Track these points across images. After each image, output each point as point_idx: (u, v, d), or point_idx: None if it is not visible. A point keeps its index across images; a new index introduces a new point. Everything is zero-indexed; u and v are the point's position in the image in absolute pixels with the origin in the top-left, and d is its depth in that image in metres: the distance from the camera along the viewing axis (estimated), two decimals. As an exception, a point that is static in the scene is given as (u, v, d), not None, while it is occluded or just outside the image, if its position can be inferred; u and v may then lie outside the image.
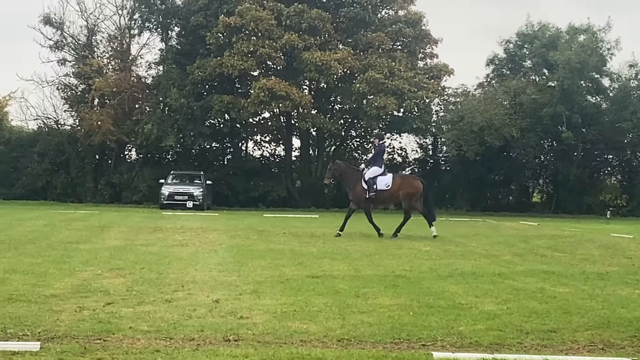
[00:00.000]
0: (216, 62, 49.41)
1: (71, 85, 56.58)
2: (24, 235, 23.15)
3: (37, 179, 54.04)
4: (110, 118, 51.71)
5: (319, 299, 12.29)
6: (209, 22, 51.20)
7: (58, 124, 57.12)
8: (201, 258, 17.78)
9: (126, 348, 8.81)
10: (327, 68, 48.09)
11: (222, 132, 55.48)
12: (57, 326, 9.83)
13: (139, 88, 54.73)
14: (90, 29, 56.57)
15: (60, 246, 19.86)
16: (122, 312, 10.87)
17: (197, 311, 11.04)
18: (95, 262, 16.39)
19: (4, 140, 56.51)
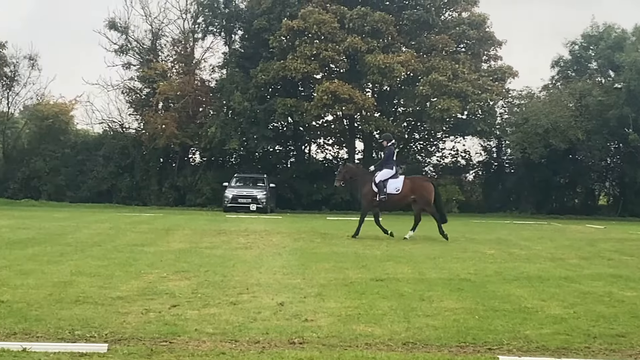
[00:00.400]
0: (279, 65, 49.52)
1: (136, 89, 57.17)
2: (90, 237, 23.38)
3: (103, 182, 54.61)
4: (174, 121, 52.10)
5: (384, 302, 12.24)
6: (272, 25, 51.33)
7: (123, 127, 57.77)
8: (265, 261, 17.81)
9: (192, 350, 8.84)
10: (390, 71, 47.98)
11: (285, 135, 55.67)
12: (123, 328, 9.89)
13: (203, 91, 55.07)
14: (155, 33, 57.12)
15: (126, 249, 20.02)
16: (187, 314, 10.91)
17: (261, 314, 11.04)
18: (161, 265, 16.49)
19: (70, 143, 57.19)
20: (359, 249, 21.26)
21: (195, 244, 21.96)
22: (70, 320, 10.23)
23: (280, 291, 13.13)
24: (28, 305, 11.27)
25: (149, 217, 36.36)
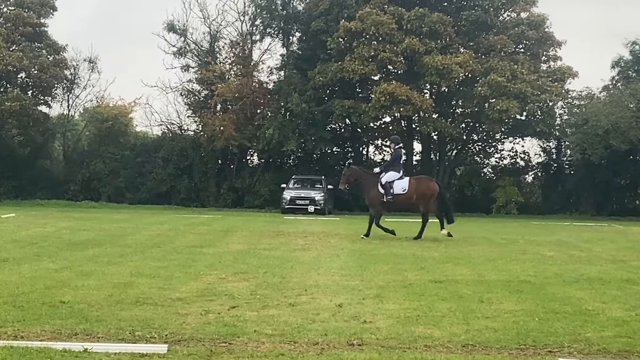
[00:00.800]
0: (337, 66, 49.50)
1: (194, 91, 57.51)
2: (150, 239, 23.57)
3: (162, 183, 54.96)
4: (233, 123, 52.29)
5: (443, 303, 12.19)
6: (330, 27, 51.32)
7: (181, 129, 58.13)
8: (324, 262, 17.83)
9: (251, 351, 8.87)
10: (448, 72, 47.76)
11: (343, 136, 55.65)
12: (183, 329, 9.95)
13: (261, 93, 55.19)
14: (213, 36, 57.38)
15: (185, 250, 20.16)
16: (246, 315, 10.95)
17: (320, 315, 11.06)
18: (220, 266, 16.57)
19: (129, 145, 57.68)
20: (417, 250, 21.21)
21: (253, 245, 22.05)
22: (130, 321, 10.32)
23: (338, 293, 13.14)
24: (89, 306, 11.39)
25: (207, 219, 36.56)
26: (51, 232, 25.82)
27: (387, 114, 50.56)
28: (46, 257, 17.74)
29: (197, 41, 57.58)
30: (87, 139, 61.25)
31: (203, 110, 55.29)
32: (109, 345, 8.85)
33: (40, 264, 16.39)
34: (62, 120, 60.52)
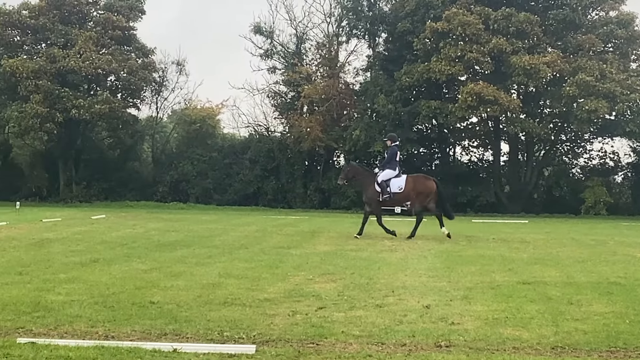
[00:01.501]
0: (423, 67, 49.33)
1: (281, 92, 57.84)
2: (237, 240, 23.72)
3: (249, 185, 55.36)
4: (319, 124, 52.45)
5: (531, 305, 12.07)
6: (416, 27, 51.17)
7: (268, 130, 58.55)
8: (410, 263, 17.77)
9: (339, 352, 8.87)
10: (536, 72, 47.23)
11: (429, 137, 55.44)
12: (271, 330, 10.00)
13: (347, 94, 55.26)
14: (299, 37, 57.69)
15: (272, 251, 20.25)
16: (334, 316, 10.96)
17: (407, 316, 11.02)
18: (307, 267, 16.61)
19: (217, 147, 58.21)
20: (504, 251, 21.02)
21: (340, 246, 22.06)
22: (219, 322, 10.41)
23: (426, 294, 13.09)
24: (178, 306, 11.51)
25: (294, 220, 36.70)
26: (140, 233, 26.15)
27: (474, 114, 50.17)
28: (136, 258, 17.98)
29: (284, 43, 58.05)
30: (176, 141, 62.04)
31: (290, 111, 55.55)
32: (197, 346, 8.93)
33: (130, 265, 16.62)
34: (150, 122, 61.39)
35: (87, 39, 53.85)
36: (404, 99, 51.79)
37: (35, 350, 8.44)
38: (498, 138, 54.28)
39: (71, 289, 13.02)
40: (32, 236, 24.02)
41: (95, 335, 9.53)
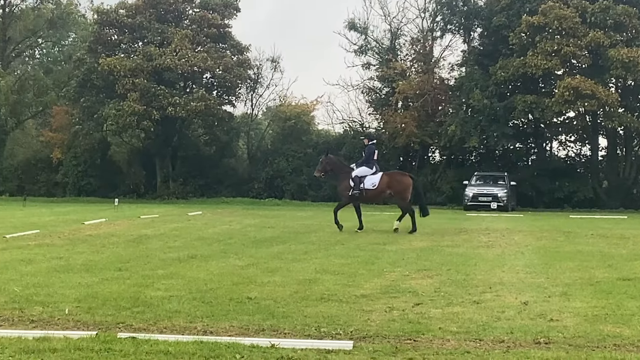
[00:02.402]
0: (519, 62, 48.78)
1: (375, 88, 57.78)
2: (333, 236, 23.79)
3: (344, 181, 55.33)
4: (414, 120, 52.30)
5: (632, 302, 11.85)
6: (512, 22, 50.64)
7: (363, 126, 58.44)
8: (507, 259, 17.60)
9: (436, 349, 8.81)
10: (634, 65, 46.33)
11: (525, 132, 54.83)
12: (368, 326, 9.98)
13: (442, 90, 55.01)
14: (394, 33, 57.58)
15: (368, 247, 20.25)
16: (430, 312, 10.90)
17: (505, 313, 10.91)
18: (403, 263, 16.57)
19: (311, 143, 58.33)
20: (603, 247, 20.68)
21: (436, 242, 21.97)
22: (315, 318, 10.42)
23: (523, 290, 12.94)
24: (275, 302, 11.56)
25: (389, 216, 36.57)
26: (237, 229, 26.36)
27: (571, 109, 49.50)
28: (232, 254, 18.13)
29: (378, 39, 58.02)
30: (271, 138, 62.42)
31: (384, 107, 55.50)
32: (295, 341, 8.95)
33: (227, 261, 16.76)
34: (245, 119, 61.85)
35: (183, 37, 54.47)
36: (499, 94, 51.30)
37: (136, 345, 8.54)
38: (596, 133, 53.41)
39: (170, 284, 13.18)
40: (131, 232, 24.39)
41: (194, 331, 9.62)
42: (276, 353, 8.33)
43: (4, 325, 9.89)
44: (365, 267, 15.82)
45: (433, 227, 28.01)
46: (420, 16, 56.93)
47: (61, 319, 10.31)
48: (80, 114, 56.67)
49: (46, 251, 18.43)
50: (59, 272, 14.50)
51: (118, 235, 23.13)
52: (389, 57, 56.07)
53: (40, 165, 60.87)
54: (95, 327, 9.79)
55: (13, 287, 12.57)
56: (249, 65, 58.64)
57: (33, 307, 11.03)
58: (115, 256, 17.53)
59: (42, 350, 8.23)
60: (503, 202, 45.55)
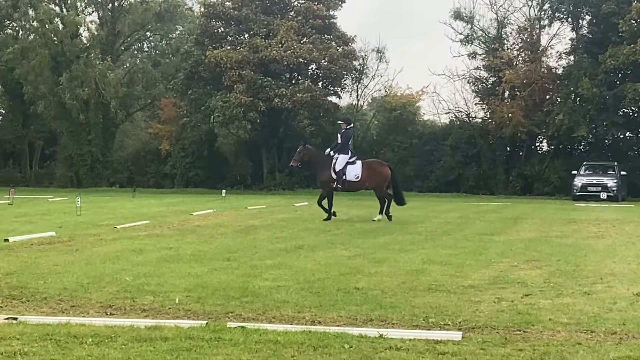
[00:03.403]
0: (629, 49, 47.80)
1: (481, 78, 57.32)
2: (440, 227, 23.70)
3: (450, 171, 55.19)
4: (521, 110, 51.74)
5: None
6: (621, 9, 49.61)
7: (469, 117, 58.07)
8: (619, 250, 17.31)
9: (547, 340, 8.70)
10: None
11: (636, 121, 53.71)
12: (476, 316, 9.91)
13: (550, 79, 54.26)
14: (500, 22, 57.01)
15: (475, 237, 20.12)
16: (540, 303, 10.77)
17: (617, 304, 10.72)
18: (511, 254, 16.42)
19: (417, 134, 58.20)
20: None
21: (544, 232, 21.73)
22: (423, 308, 10.39)
23: (636, 281, 12.72)
24: (382, 292, 11.56)
25: (496, 206, 36.34)
26: (344, 220, 26.41)
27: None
28: (339, 244, 18.18)
29: (484, 28, 57.51)
30: (376, 128, 62.42)
31: (491, 97, 54.99)
32: (403, 332, 8.93)
33: (333, 251, 16.81)
34: (351, 110, 61.88)
35: (289, 28, 54.76)
36: (608, 82, 50.36)
37: (245, 334, 8.62)
38: None
39: (277, 274, 13.27)
40: (238, 223, 24.63)
41: (302, 321, 9.67)
42: (384, 343, 8.32)
43: (117, 314, 10.09)
44: (472, 257, 15.73)
45: (541, 218, 27.73)
46: (528, 4, 56.25)
47: (172, 308, 10.46)
48: (187, 106, 57.47)
49: (156, 241, 18.73)
50: (168, 262, 14.72)
51: (226, 226, 23.39)
52: (496, 46, 55.53)
53: (149, 156, 61.91)
54: (205, 316, 9.91)
55: (125, 277, 12.80)
56: (355, 56, 58.67)
57: (144, 296, 11.22)
58: (224, 246, 17.73)
59: (153, 339, 8.36)
60: (613, 192, 44.80)
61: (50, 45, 59.83)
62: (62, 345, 8.08)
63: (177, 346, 8.06)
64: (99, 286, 12.00)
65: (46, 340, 8.26)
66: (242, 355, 7.77)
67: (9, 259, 15.07)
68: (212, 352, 7.88)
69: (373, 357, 7.79)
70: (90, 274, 13.16)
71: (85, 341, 8.23)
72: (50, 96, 59.86)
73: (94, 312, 10.24)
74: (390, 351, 8.01)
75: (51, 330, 8.67)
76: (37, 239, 18.84)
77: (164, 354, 7.76)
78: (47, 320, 9.27)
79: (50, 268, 13.81)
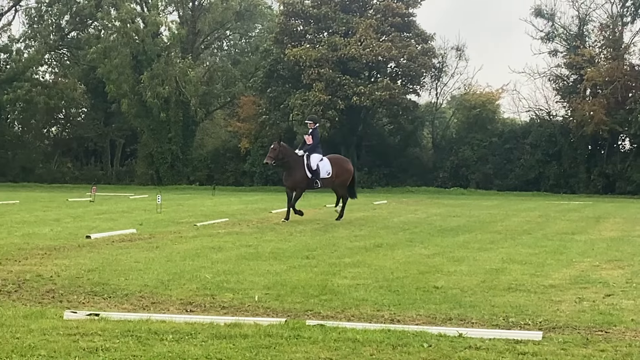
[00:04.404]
0: None
1: (562, 76, 56.66)
2: (520, 225, 23.52)
3: (530, 170, 54.69)
4: (603, 108, 51.07)
5: None
6: None
7: (550, 115, 57.47)
8: None
9: (629, 341, 8.58)
10: None
11: None
12: (557, 316, 9.82)
13: (632, 76, 53.42)
14: (581, 19, 56.30)
15: (556, 237, 19.94)
16: (622, 304, 10.64)
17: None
18: (592, 253, 16.24)
19: (497, 132, 57.78)
20: None
21: (627, 232, 21.48)
22: (503, 307, 10.33)
23: None
24: (461, 291, 11.51)
25: (577, 205, 35.95)
26: (422, 218, 26.36)
27: None
28: (418, 243, 18.15)
29: (565, 25, 56.86)
30: (455, 127, 62.07)
31: (572, 95, 54.34)
32: (483, 331, 8.87)
33: (412, 250, 16.79)
34: (430, 108, 61.71)
35: (368, 26, 54.72)
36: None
37: (324, 332, 8.63)
38: None
39: (356, 273, 13.28)
40: (317, 221, 24.69)
41: (381, 319, 9.66)
42: (464, 342, 8.28)
43: (197, 311, 10.18)
44: (553, 257, 15.58)
45: (623, 217, 27.38)
46: (610, 1, 55.47)
47: (251, 305, 10.53)
48: (267, 104, 57.72)
49: (235, 239, 18.85)
50: (248, 260, 14.81)
51: (304, 224, 23.46)
52: (577, 43, 54.86)
53: (229, 154, 62.24)
54: (284, 314, 9.96)
55: (204, 274, 12.91)
56: (434, 54, 58.39)
57: (224, 293, 11.30)
58: (302, 244, 17.79)
59: (233, 336, 8.42)
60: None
61: (131, 44, 60.50)
62: (143, 341, 8.17)
63: (256, 343, 8.10)
64: (179, 283, 12.12)
65: (127, 336, 8.36)
66: (321, 353, 7.79)
67: (90, 255, 15.29)
68: (291, 350, 7.91)
69: (452, 356, 7.75)
70: (170, 271, 13.30)
71: (165, 338, 8.32)
72: (132, 94, 60.51)
73: (174, 309, 10.36)
74: (469, 350, 7.97)
75: (132, 326, 8.78)
76: (118, 236, 19.10)
77: (244, 351, 7.80)
78: (128, 317, 9.39)
79: (131, 265, 13.98)
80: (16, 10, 67.76)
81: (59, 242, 17.67)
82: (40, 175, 64.23)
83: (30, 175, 63.92)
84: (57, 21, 67.00)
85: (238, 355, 7.65)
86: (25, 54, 66.37)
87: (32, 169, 65.56)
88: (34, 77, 66.80)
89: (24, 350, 7.67)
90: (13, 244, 17.02)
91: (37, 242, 17.38)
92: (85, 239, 18.28)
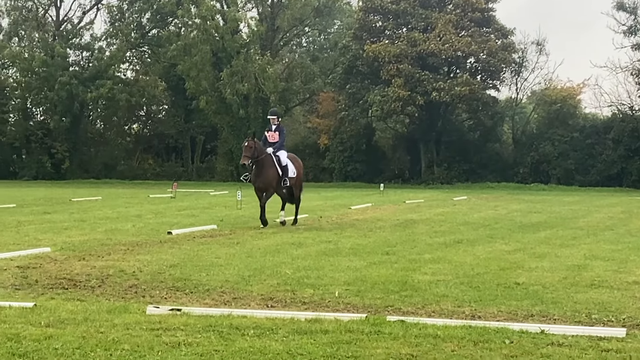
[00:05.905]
0: None
1: (645, 70, 55.87)
2: (602, 221, 23.25)
3: (612, 165, 53.98)
4: (687, 102, 50.29)
5: None
6: None
7: (632, 109, 56.68)
8: None
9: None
10: None
11: None
12: (641, 313, 9.70)
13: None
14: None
15: (639, 233, 19.64)
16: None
17: None
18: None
19: (578, 127, 57.16)
20: None
21: None
22: (586, 304, 10.21)
23: None
24: (543, 287, 11.40)
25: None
26: (502, 214, 26.18)
27: None
28: (499, 239, 18.03)
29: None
30: (536, 122, 61.54)
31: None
32: (565, 327, 8.77)
33: (493, 246, 16.68)
34: (510, 103, 61.26)
35: (447, 22, 54.52)
36: None
37: (405, 328, 8.62)
38: None
39: (436, 269, 13.24)
40: (397, 217, 24.67)
41: (462, 315, 9.63)
42: (546, 339, 8.21)
43: (277, 307, 10.23)
44: (636, 253, 15.37)
45: None
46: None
47: (331, 301, 10.55)
48: (346, 100, 57.78)
49: (315, 235, 18.92)
50: (328, 256, 14.84)
51: (384, 220, 23.45)
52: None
53: (308, 150, 62.37)
54: (364, 309, 9.96)
55: (285, 270, 12.97)
56: (514, 49, 57.98)
57: (304, 289, 11.34)
58: (382, 240, 17.78)
59: (313, 332, 8.44)
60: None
61: (211, 41, 60.99)
62: (225, 336, 8.24)
63: (337, 339, 8.11)
64: (259, 279, 12.19)
65: (209, 331, 8.43)
66: (402, 349, 7.77)
67: (172, 251, 15.46)
68: (371, 346, 7.91)
69: (535, 353, 7.69)
70: (251, 266, 13.38)
71: (247, 333, 8.37)
72: (211, 91, 61.02)
73: (255, 304, 10.42)
74: (552, 347, 7.90)
75: (214, 321, 8.84)
76: (199, 232, 19.28)
77: (324, 347, 7.82)
78: (210, 312, 9.46)
79: (212, 260, 14.10)
80: (98, 9, 68.89)
81: (141, 237, 17.91)
82: (122, 172, 65.22)
83: (112, 172, 64.94)
84: (138, 19, 67.97)
85: (319, 351, 7.67)
86: (107, 52, 67.39)
87: (114, 165, 66.59)
88: (116, 74, 67.75)
89: (108, 345, 7.78)
90: (96, 239, 17.28)
91: (119, 238, 17.63)
92: (167, 234, 18.49)
